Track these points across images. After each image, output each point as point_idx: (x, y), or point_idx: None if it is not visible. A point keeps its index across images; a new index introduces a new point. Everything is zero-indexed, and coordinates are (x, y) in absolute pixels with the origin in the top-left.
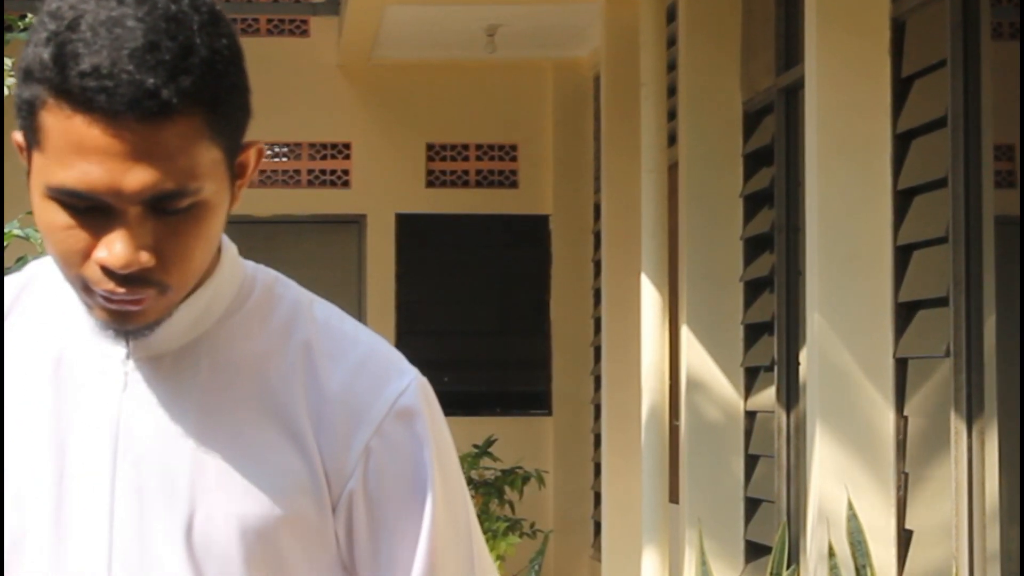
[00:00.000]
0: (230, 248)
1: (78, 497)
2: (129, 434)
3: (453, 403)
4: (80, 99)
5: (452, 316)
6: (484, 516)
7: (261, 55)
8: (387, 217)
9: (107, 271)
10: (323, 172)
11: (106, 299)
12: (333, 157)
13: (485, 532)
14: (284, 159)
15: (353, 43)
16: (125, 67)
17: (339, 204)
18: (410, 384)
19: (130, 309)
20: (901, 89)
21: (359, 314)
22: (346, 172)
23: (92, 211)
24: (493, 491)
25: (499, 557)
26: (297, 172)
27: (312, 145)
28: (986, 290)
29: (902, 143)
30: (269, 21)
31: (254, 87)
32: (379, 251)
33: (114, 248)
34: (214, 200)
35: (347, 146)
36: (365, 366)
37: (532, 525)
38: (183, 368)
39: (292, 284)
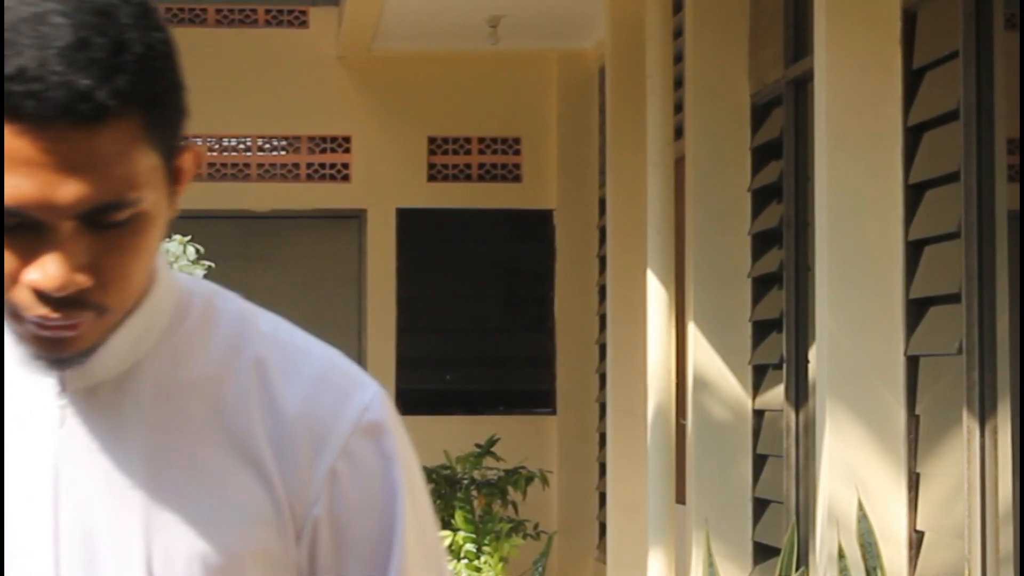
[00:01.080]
0: (163, 260)
1: (18, 548)
2: (71, 475)
3: (455, 401)
4: (5, 106)
5: (454, 312)
6: (487, 517)
7: (259, 47)
8: (388, 212)
9: (40, 295)
10: (323, 166)
11: (39, 326)
12: (333, 151)
13: (488, 533)
14: (283, 153)
15: (353, 34)
16: (54, 68)
17: (339, 198)
18: (374, 397)
19: (65, 335)
20: (912, 81)
21: (359, 311)
22: (346, 166)
23: (21, 229)
24: (496, 491)
25: (502, 559)
26: (296, 166)
27: (311, 138)
28: (999, 286)
29: (913, 136)
30: (267, 12)
31: (252, 79)
32: (380, 246)
33: (47, 269)
34: (154, 211)
35: (347, 139)
36: (324, 381)
37: (536, 526)
38: (124, 397)
39: (232, 296)
